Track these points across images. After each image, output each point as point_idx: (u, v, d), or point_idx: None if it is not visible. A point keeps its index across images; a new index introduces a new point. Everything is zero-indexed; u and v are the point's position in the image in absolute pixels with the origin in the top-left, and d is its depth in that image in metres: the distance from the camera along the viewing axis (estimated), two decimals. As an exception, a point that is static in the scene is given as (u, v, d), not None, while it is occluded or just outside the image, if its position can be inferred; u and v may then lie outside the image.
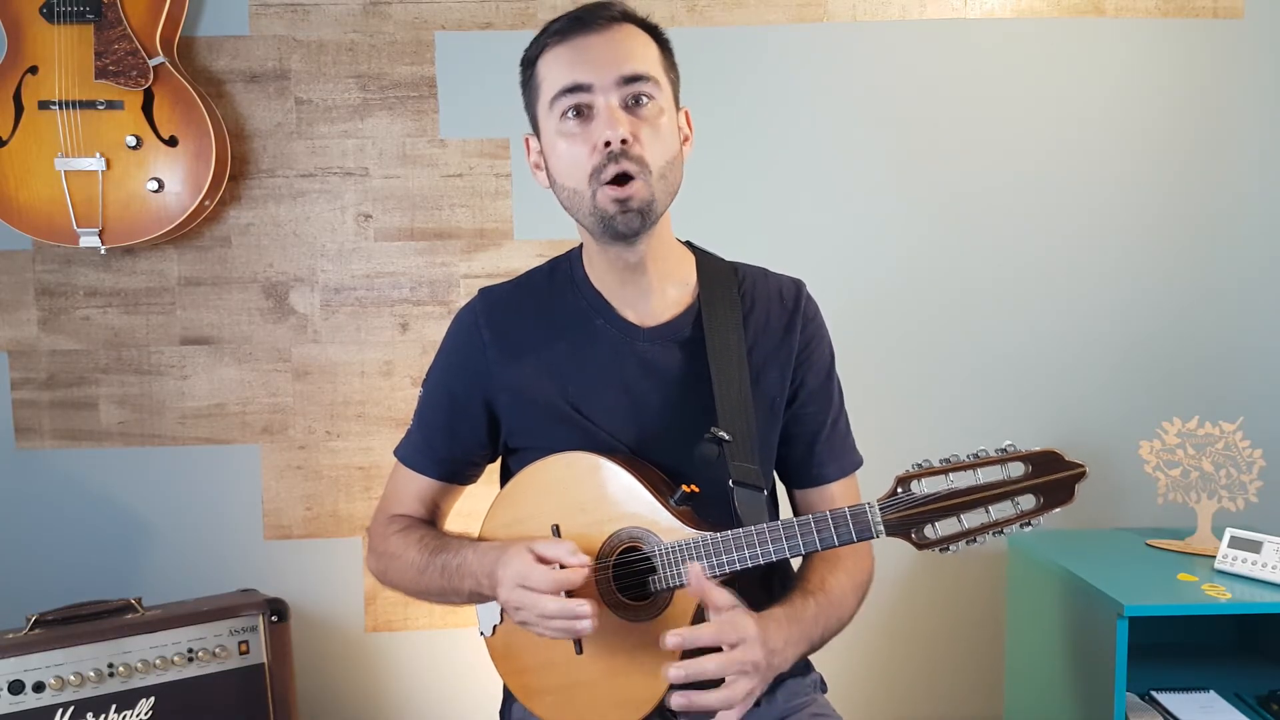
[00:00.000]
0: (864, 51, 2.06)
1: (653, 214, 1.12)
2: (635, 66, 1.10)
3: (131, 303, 2.05)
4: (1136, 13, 2.06)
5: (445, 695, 2.11)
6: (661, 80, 1.14)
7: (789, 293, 1.26)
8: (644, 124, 1.11)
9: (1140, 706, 1.72)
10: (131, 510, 2.08)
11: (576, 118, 1.11)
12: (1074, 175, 2.09)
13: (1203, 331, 2.12)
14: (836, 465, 1.28)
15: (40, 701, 1.65)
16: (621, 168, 1.09)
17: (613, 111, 1.09)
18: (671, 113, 1.15)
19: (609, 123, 1.09)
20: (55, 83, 1.85)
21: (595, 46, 1.11)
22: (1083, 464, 0.99)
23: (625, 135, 1.08)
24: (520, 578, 1.06)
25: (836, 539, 1.04)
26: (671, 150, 1.14)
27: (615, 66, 1.10)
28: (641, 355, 1.21)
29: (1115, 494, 2.09)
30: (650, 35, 1.15)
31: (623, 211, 1.10)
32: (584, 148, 1.10)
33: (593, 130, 1.10)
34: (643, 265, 1.19)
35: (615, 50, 1.11)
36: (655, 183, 1.11)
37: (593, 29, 1.11)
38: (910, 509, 1.01)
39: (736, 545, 1.07)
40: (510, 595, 1.07)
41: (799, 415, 1.26)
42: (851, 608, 1.21)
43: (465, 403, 1.25)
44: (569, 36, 1.11)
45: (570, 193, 1.14)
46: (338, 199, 2.05)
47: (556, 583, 1.04)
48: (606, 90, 1.10)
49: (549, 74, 1.13)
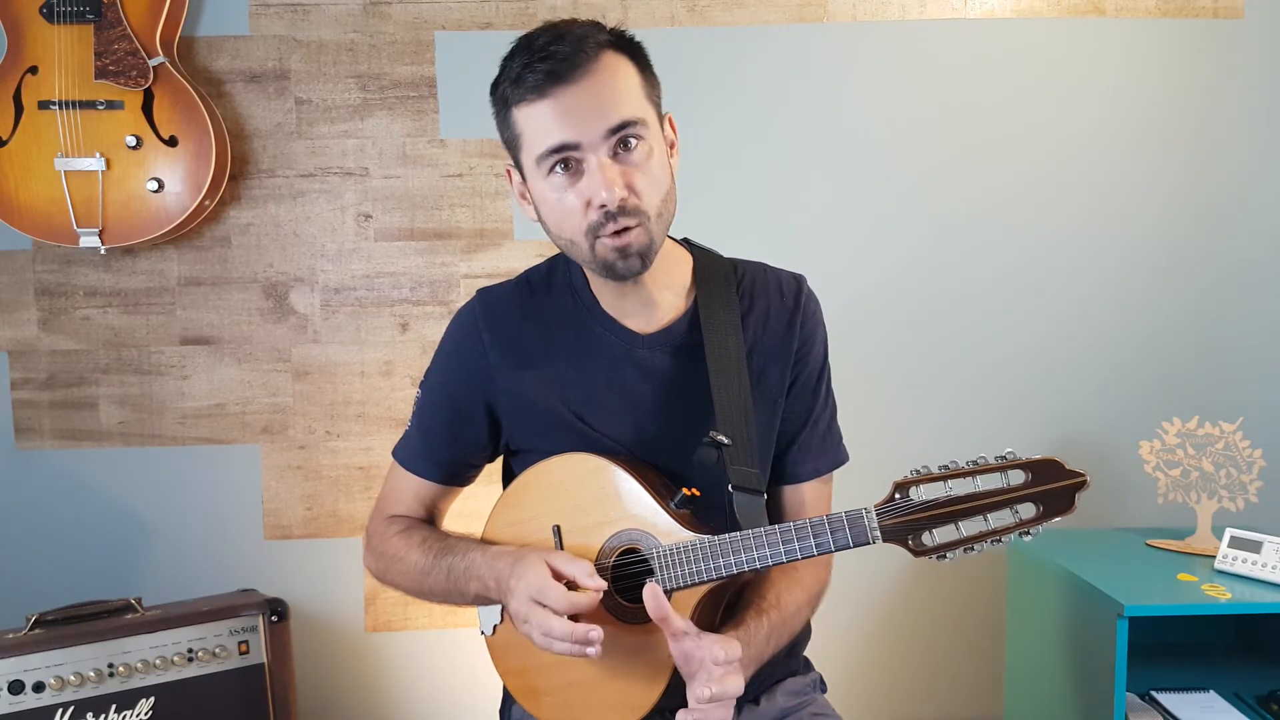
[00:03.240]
0: (864, 51, 2.06)
1: (652, 254, 1.11)
2: (621, 114, 1.06)
3: (131, 303, 2.05)
4: (1136, 13, 2.06)
5: (445, 695, 2.11)
6: (647, 115, 1.09)
7: (789, 288, 1.25)
8: (636, 170, 1.07)
9: (1140, 706, 1.72)
10: (131, 510, 2.08)
11: (566, 172, 1.08)
12: (1074, 175, 2.09)
13: (1203, 331, 2.12)
14: (811, 465, 1.26)
15: (40, 701, 1.65)
16: (620, 225, 1.07)
17: (605, 169, 1.05)
18: (660, 142, 1.11)
19: (604, 183, 1.05)
20: (55, 83, 1.85)
21: (576, 100, 1.05)
22: (1083, 473, 0.98)
23: (621, 195, 1.06)
24: (536, 592, 1.05)
25: (833, 544, 1.03)
26: (664, 185, 1.11)
27: (601, 119, 1.05)
28: (640, 361, 1.20)
29: (1115, 494, 2.09)
30: (627, 55, 1.10)
31: (623, 258, 1.09)
32: (577, 202, 1.08)
33: (585, 187, 1.07)
34: (640, 281, 1.18)
35: (598, 100, 1.05)
36: (654, 225, 1.10)
37: (571, 79, 1.04)
38: (907, 515, 1.01)
39: (734, 549, 1.06)
40: (521, 607, 1.07)
41: (787, 410, 1.24)
42: (803, 622, 1.22)
43: (465, 405, 1.25)
44: (546, 91, 1.05)
45: (567, 243, 1.13)
46: (338, 199, 2.05)
47: (572, 604, 1.04)
48: (595, 146, 1.06)
49: (530, 129, 1.08)
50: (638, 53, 1.11)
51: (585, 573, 1.06)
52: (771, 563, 1.05)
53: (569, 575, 1.06)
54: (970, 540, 1.00)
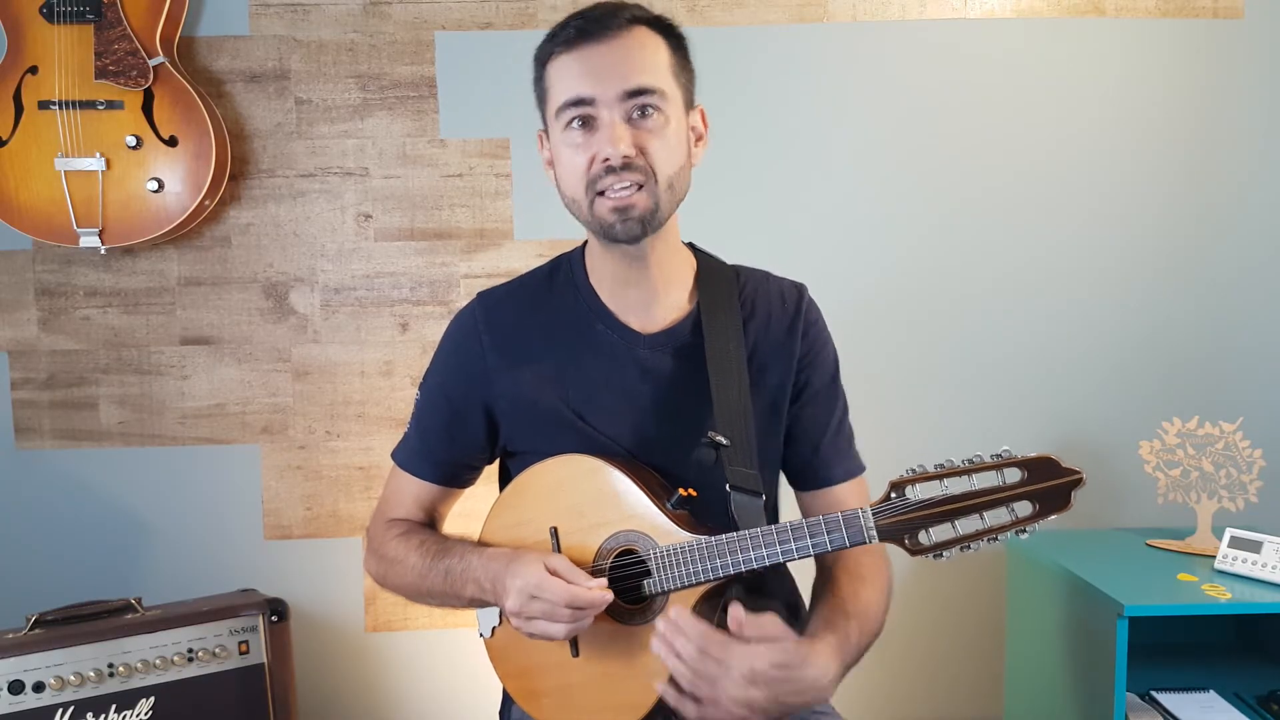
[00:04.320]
0: (864, 51, 2.06)
1: (655, 221, 1.13)
2: (640, 80, 1.09)
3: (131, 303, 2.05)
4: (1136, 13, 2.06)
5: (445, 695, 2.11)
6: (669, 89, 1.12)
7: (790, 296, 1.26)
8: (650, 135, 1.10)
9: (1140, 706, 1.72)
10: (131, 510, 2.08)
11: (581, 128, 1.11)
12: (1074, 175, 2.09)
13: (1203, 331, 2.12)
14: (843, 467, 1.27)
15: (40, 701, 1.65)
16: (622, 180, 1.09)
17: (615, 127, 1.09)
18: (680, 120, 1.14)
19: (610, 139, 1.08)
20: (55, 83, 1.85)
21: (601, 57, 1.09)
22: (1079, 470, 0.98)
23: (627, 152, 1.08)
24: (534, 588, 1.06)
25: (829, 544, 1.03)
26: (679, 159, 1.14)
27: (620, 80, 1.09)
28: (641, 361, 1.21)
29: (1115, 494, 2.09)
30: (663, 36, 1.14)
31: (623, 220, 1.11)
32: (584, 158, 1.11)
33: (593, 142, 1.10)
34: (647, 268, 1.18)
35: (622, 62, 1.09)
36: (662, 192, 1.12)
37: (600, 38, 1.09)
38: (904, 514, 1.00)
39: (730, 549, 1.06)
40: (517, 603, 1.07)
41: (804, 416, 1.25)
42: (882, 622, 1.19)
43: (463, 407, 1.25)
44: (575, 45, 1.10)
45: (570, 201, 1.15)
46: (338, 199, 2.05)
47: (571, 596, 1.05)
48: (610, 104, 1.09)
49: (556, 83, 1.12)
50: (675, 38, 1.15)
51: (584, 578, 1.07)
52: (769, 563, 1.05)
53: (567, 576, 1.07)
54: (967, 539, 1.00)
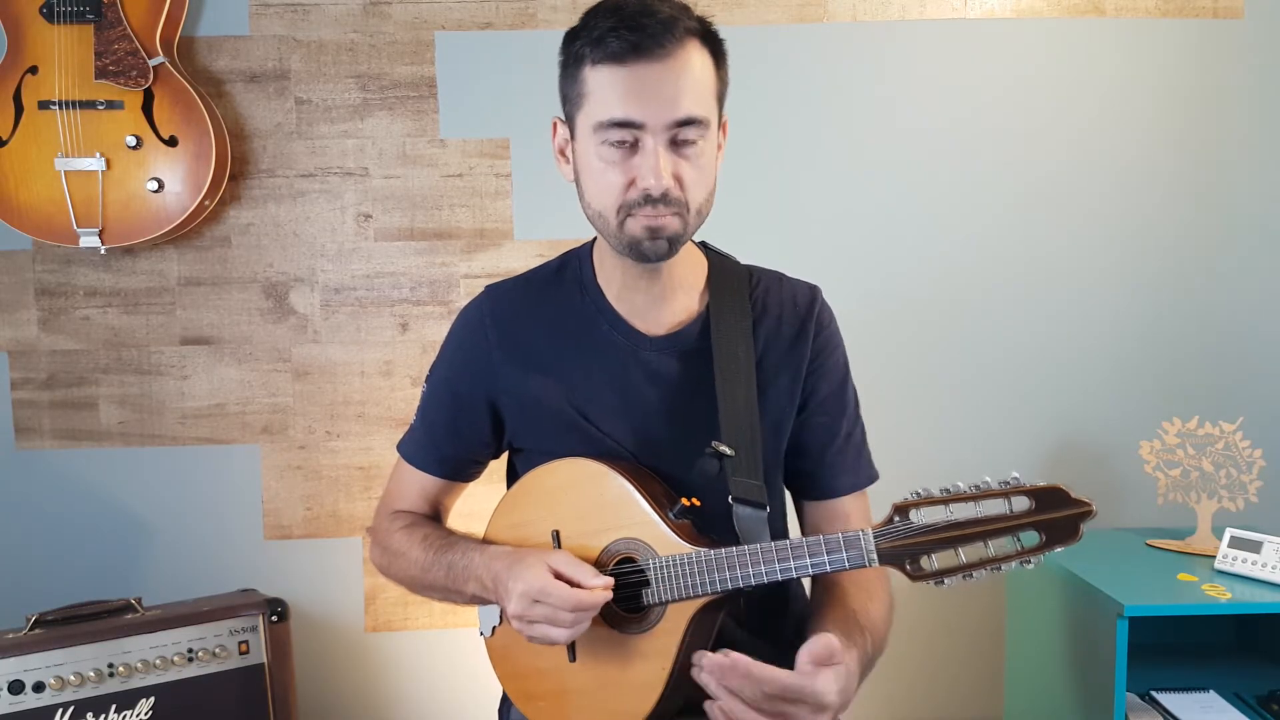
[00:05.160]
0: (864, 51, 2.06)
1: (680, 243, 1.12)
2: (691, 109, 1.05)
3: (131, 303, 2.05)
4: (1136, 13, 2.06)
5: (445, 695, 2.11)
6: (711, 116, 1.09)
7: (803, 299, 1.24)
8: (687, 164, 1.08)
9: (1140, 706, 1.72)
10: (131, 510, 2.08)
11: (619, 147, 1.07)
12: (1074, 175, 2.09)
13: (1203, 332, 2.12)
14: (849, 478, 1.25)
15: (40, 701, 1.65)
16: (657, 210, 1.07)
17: (660, 157, 1.05)
18: (714, 145, 1.12)
19: (654, 169, 1.05)
20: (55, 83, 1.85)
21: (654, 79, 1.04)
22: (1089, 502, 0.95)
23: (669, 185, 1.06)
24: (538, 592, 1.04)
25: (829, 565, 1.01)
26: (710, 185, 1.12)
27: (671, 108, 1.05)
28: (647, 364, 1.19)
29: (1115, 494, 2.09)
30: (710, 51, 1.09)
31: (652, 239, 1.09)
32: (621, 178, 1.07)
33: (634, 165, 1.07)
34: (658, 272, 1.17)
35: (673, 87, 1.05)
36: (691, 219, 1.11)
37: (653, 56, 1.03)
38: (906, 539, 0.98)
39: (729, 564, 1.04)
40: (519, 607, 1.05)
41: (809, 424, 1.23)
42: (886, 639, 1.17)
43: (469, 401, 1.25)
44: (626, 61, 1.04)
45: (595, 214, 1.12)
46: (338, 199, 2.05)
47: (577, 602, 1.03)
48: (656, 131, 1.05)
49: (598, 93, 1.07)
50: (719, 49, 1.11)
51: (588, 574, 1.05)
52: (767, 580, 1.03)
53: (571, 577, 1.05)
54: (970, 567, 0.96)
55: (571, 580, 1.05)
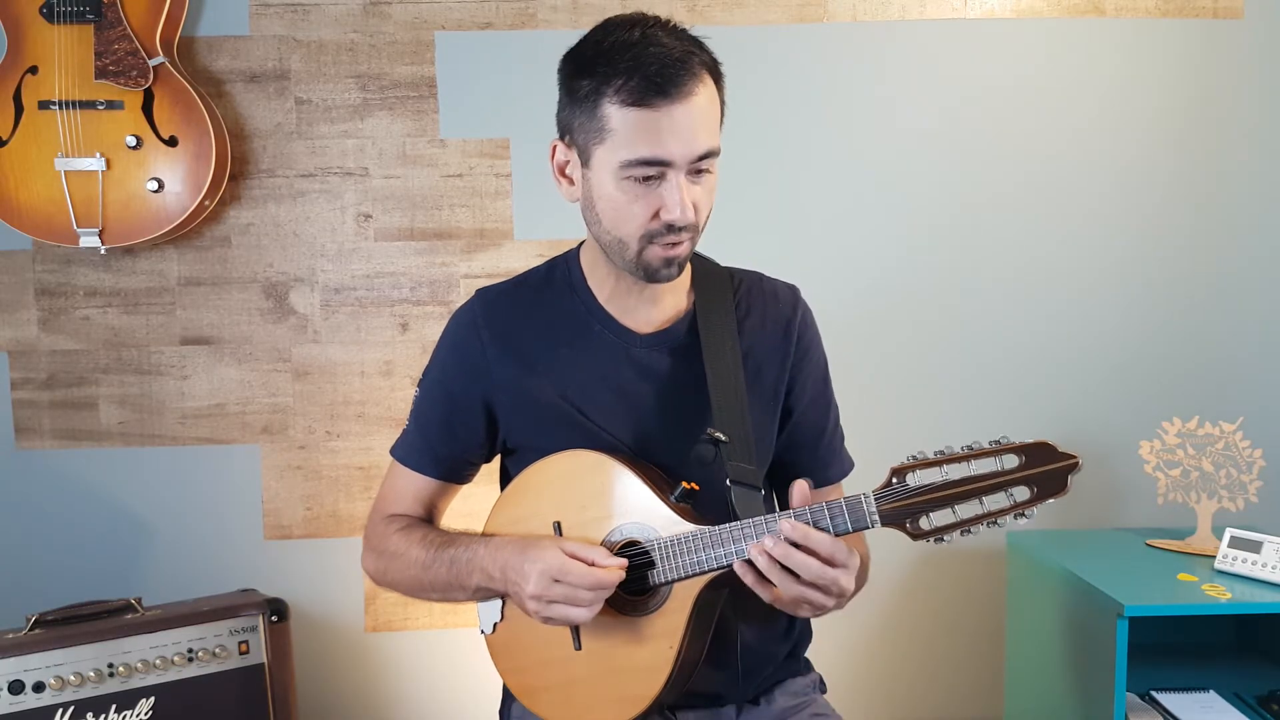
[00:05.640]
0: (864, 51, 2.06)
1: (687, 261, 1.17)
2: (707, 143, 1.09)
3: (131, 303, 2.05)
4: (1136, 13, 2.06)
5: (445, 695, 2.11)
6: (720, 142, 1.13)
7: (785, 298, 1.29)
8: (702, 192, 1.12)
9: (1140, 706, 1.72)
10: (131, 510, 2.08)
11: (643, 181, 1.09)
12: (1073, 175, 2.09)
13: (1203, 331, 2.12)
14: (838, 466, 1.33)
15: (40, 701, 1.65)
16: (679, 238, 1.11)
17: (685, 191, 1.09)
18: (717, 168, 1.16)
19: (681, 204, 1.09)
20: (55, 83, 1.85)
21: (678, 119, 1.07)
22: (1076, 455, 1.00)
23: (694, 218, 1.11)
24: (558, 571, 1.07)
25: (833, 529, 1.05)
26: (712, 203, 1.16)
27: (694, 144, 1.08)
28: (638, 361, 1.22)
29: (1115, 494, 2.09)
30: (714, 80, 1.13)
31: (667, 265, 1.14)
32: (645, 210, 1.10)
33: (659, 198, 1.09)
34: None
35: (695, 124, 1.08)
36: (698, 238, 1.16)
37: (675, 98, 1.06)
38: (905, 499, 1.03)
39: (734, 538, 1.07)
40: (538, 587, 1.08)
41: (802, 422, 1.28)
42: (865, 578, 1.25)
43: (464, 402, 1.25)
44: (649, 101, 1.06)
45: (614, 240, 1.14)
46: (338, 199, 2.06)
47: (596, 580, 1.07)
48: (680, 168, 1.09)
49: (622, 132, 1.08)
50: (720, 76, 1.15)
51: (603, 555, 1.09)
52: None
53: (586, 557, 1.08)
54: (967, 523, 1.02)
55: (586, 560, 1.08)
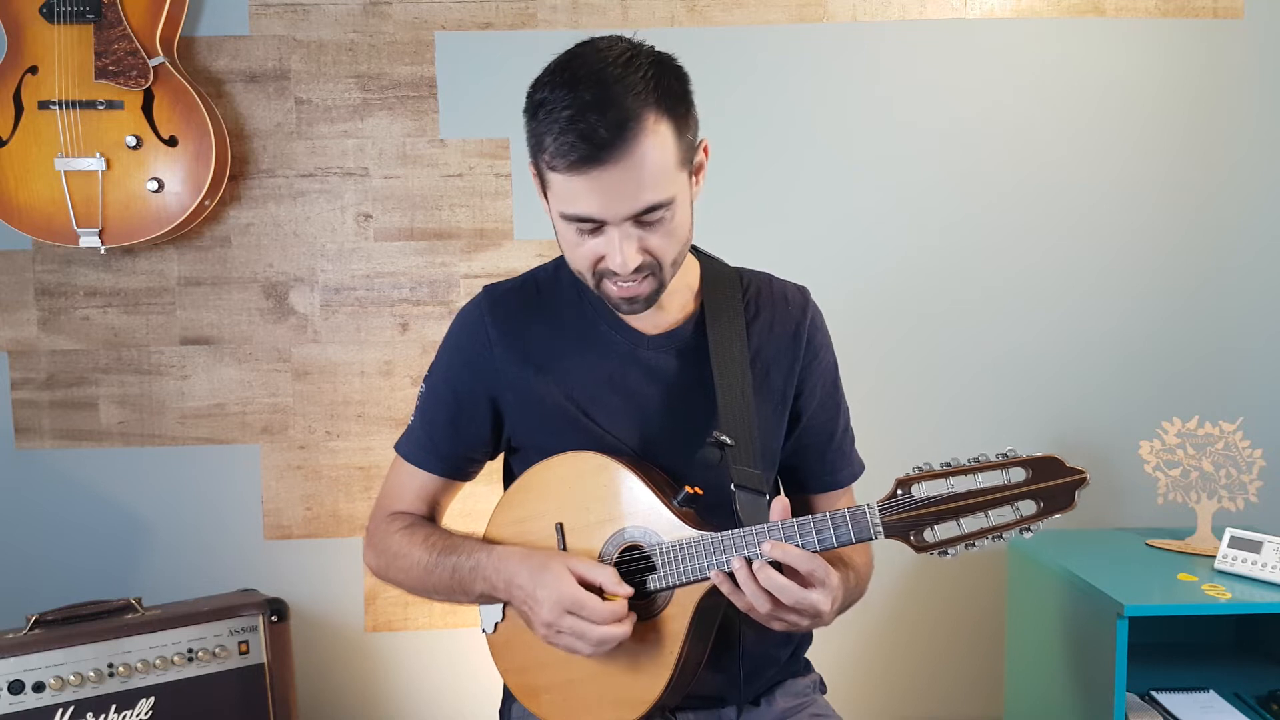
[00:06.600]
0: (864, 51, 2.06)
1: (659, 294, 1.14)
2: (649, 199, 1.04)
3: (131, 303, 2.05)
4: (1136, 13, 2.06)
5: (445, 695, 2.11)
6: (677, 186, 1.07)
7: (795, 299, 1.27)
8: (655, 234, 1.07)
9: (1140, 706, 1.72)
10: (131, 510, 2.08)
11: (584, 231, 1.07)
12: (1073, 175, 2.09)
13: (1203, 331, 2.12)
14: (848, 470, 1.31)
15: (40, 701, 1.65)
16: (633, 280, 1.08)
17: (624, 244, 1.05)
18: (685, 201, 1.10)
19: (620, 258, 1.06)
20: (55, 83, 1.85)
21: (610, 181, 1.02)
22: (1084, 470, 0.99)
23: (635, 265, 1.07)
24: (572, 604, 1.06)
25: (836, 540, 1.04)
26: (684, 236, 1.12)
27: (633, 202, 1.03)
28: (645, 361, 1.21)
29: (1115, 494, 2.09)
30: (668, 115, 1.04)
31: (629, 303, 1.12)
32: (588, 253, 1.09)
33: (600, 246, 1.07)
34: None
35: (633, 184, 1.02)
36: (667, 271, 1.12)
37: (607, 162, 1.00)
38: (909, 511, 1.01)
39: (736, 545, 1.06)
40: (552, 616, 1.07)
41: (810, 426, 1.27)
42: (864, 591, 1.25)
43: (470, 399, 1.25)
44: (580, 167, 1.01)
45: (575, 271, 1.14)
46: (338, 199, 2.05)
47: (612, 614, 1.06)
48: (617, 223, 1.05)
49: (556, 187, 1.05)
50: (679, 106, 1.07)
51: (612, 580, 1.08)
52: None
53: (596, 582, 1.08)
54: (971, 536, 1.00)
55: (593, 584, 1.07)
